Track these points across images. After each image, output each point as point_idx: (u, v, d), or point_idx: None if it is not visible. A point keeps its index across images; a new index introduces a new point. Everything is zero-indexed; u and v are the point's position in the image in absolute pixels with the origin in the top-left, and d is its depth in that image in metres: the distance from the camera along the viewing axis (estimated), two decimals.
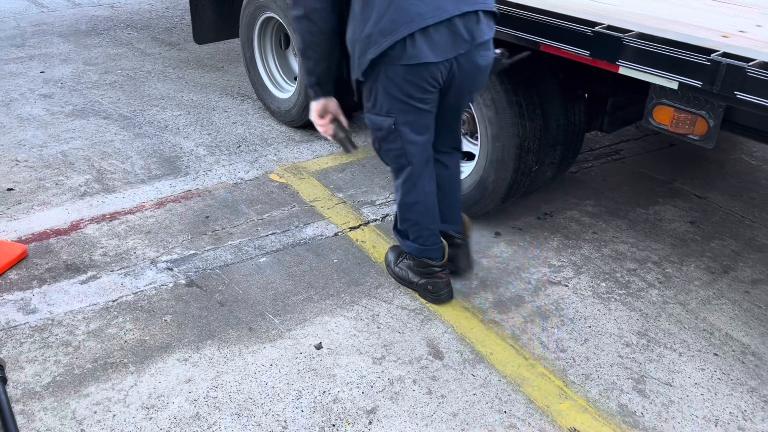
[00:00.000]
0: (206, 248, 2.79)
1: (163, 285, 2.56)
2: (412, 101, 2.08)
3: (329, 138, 2.32)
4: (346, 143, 2.31)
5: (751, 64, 1.73)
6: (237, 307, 2.45)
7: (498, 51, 2.17)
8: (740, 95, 1.75)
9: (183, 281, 2.58)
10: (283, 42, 3.93)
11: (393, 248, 2.63)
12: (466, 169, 2.93)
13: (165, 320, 2.38)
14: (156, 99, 4.32)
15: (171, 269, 2.65)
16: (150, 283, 2.57)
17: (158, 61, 5.02)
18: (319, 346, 2.28)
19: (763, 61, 1.74)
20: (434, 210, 2.37)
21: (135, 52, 5.22)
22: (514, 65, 2.31)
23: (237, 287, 2.56)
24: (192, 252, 2.76)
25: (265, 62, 3.96)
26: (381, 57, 1.98)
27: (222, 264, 2.69)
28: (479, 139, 2.76)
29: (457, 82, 2.07)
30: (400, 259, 2.56)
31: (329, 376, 2.16)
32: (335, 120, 2.28)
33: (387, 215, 3.05)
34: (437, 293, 2.46)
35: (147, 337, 2.30)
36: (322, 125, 2.27)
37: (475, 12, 1.97)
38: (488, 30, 2.05)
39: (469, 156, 3.04)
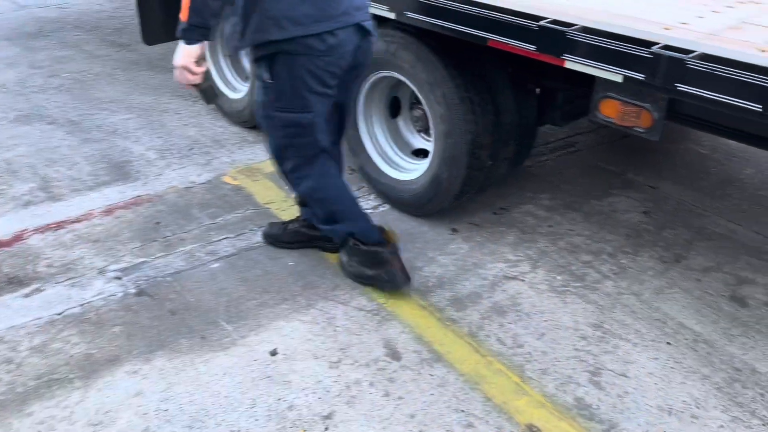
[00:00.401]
0: (157, 255, 2.71)
1: (111, 295, 2.48)
2: (326, 89, 2.17)
3: (190, 88, 2.17)
4: (211, 92, 2.22)
5: (691, 56, 1.74)
6: (189, 316, 2.39)
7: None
8: (681, 87, 1.76)
9: (132, 290, 2.50)
10: None
11: (342, 250, 2.60)
12: (421, 166, 2.91)
13: (113, 332, 2.31)
14: (105, 102, 4.19)
15: (120, 278, 2.57)
16: (97, 294, 2.49)
17: (107, 63, 4.88)
18: (274, 352, 2.23)
19: (703, 53, 1.75)
20: (347, 185, 2.50)
21: (83, 54, 5.07)
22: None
23: (189, 295, 2.49)
24: (142, 260, 2.68)
25: (216, 62, 3.88)
26: (294, 46, 2.03)
27: (173, 271, 2.62)
28: (432, 136, 2.74)
29: (358, 65, 2.25)
30: (351, 257, 2.53)
31: (284, 382, 2.11)
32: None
33: None
34: (393, 281, 2.45)
35: (94, 351, 2.23)
36: (198, 72, 2.09)
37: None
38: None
39: (424, 153, 3.02)
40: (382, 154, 3.07)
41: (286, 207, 3.05)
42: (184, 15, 1.98)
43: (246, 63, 3.80)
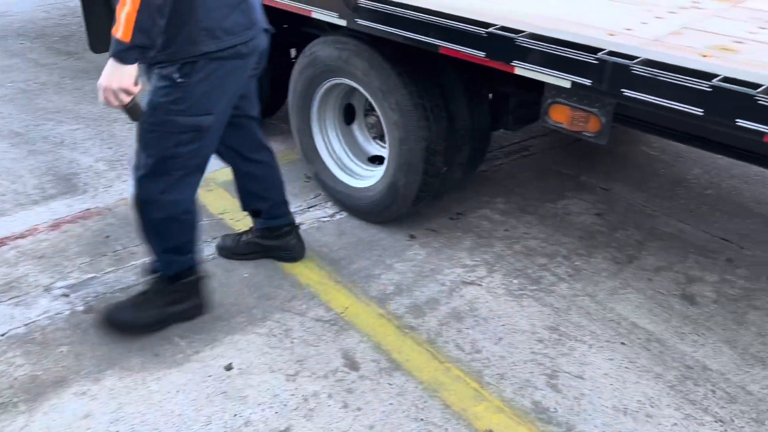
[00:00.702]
0: (106, 270, 2.63)
1: (58, 314, 2.39)
2: (240, 91, 2.16)
3: (119, 108, 1.90)
4: (137, 109, 1.95)
5: (635, 61, 1.78)
6: (140, 332, 2.32)
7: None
8: (627, 92, 1.79)
9: (80, 308, 2.42)
10: None
11: (122, 309, 2.30)
12: (377, 173, 2.90)
13: (60, 352, 2.22)
14: (51, 112, 4.06)
15: (67, 296, 2.48)
16: (43, 313, 2.39)
17: (54, 72, 4.73)
18: (229, 367, 2.18)
19: (647, 59, 1.79)
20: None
21: (28, 62, 4.91)
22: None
23: None
24: (90, 275, 2.59)
25: None
26: (224, 53, 1.98)
27: (124, 286, 2.54)
28: (387, 143, 2.73)
29: (260, 62, 2.22)
30: (147, 306, 2.29)
31: (240, 398, 2.07)
32: None
33: (300, 224, 2.96)
34: (203, 297, 2.36)
35: (40, 372, 2.14)
36: (135, 93, 1.88)
37: None
38: None
39: (380, 160, 3.01)
40: (337, 161, 3.05)
41: (240, 217, 3.00)
42: (125, 34, 1.75)
43: None
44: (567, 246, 2.86)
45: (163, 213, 2.16)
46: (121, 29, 1.76)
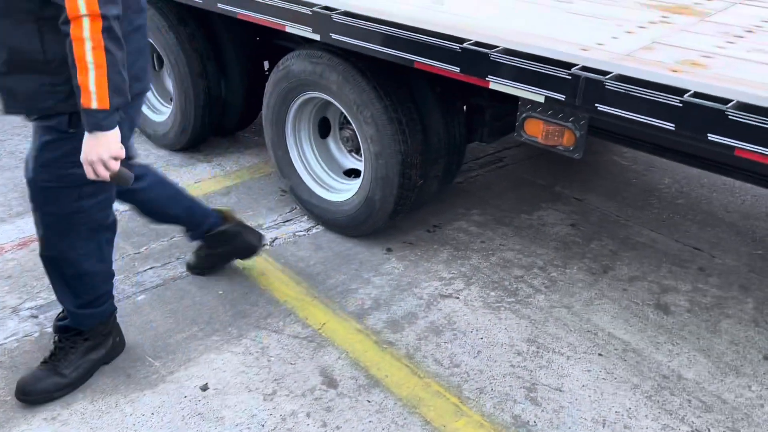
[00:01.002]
0: None
1: (26, 336, 2.32)
2: (131, 131, 2.05)
3: (106, 177, 1.73)
4: (127, 174, 1.79)
5: (608, 77, 1.80)
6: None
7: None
8: (601, 107, 1.81)
9: (50, 329, 2.34)
10: (155, 62, 3.73)
11: (40, 378, 2.09)
12: (353, 186, 2.89)
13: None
14: (18, 127, 3.96)
15: (36, 317, 2.41)
16: (11, 335, 2.32)
17: None
18: (205, 388, 2.14)
19: (620, 74, 1.81)
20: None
21: None
22: None
23: None
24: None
25: None
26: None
27: None
28: (363, 156, 2.72)
29: None
30: (65, 366, 2.11)
31: (217, 419, 2.03)
32: None
33: (276, 239, 2.95)
34: (119, 331, 2.27)
35: (8, 398, 2.07)
36: (122, 157, 1.74)
37: None
38: None
39: (356, 173, 3.00)
40: (312, 175, 3.03)
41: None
42: (102, 102, 1.61)
43: (169, 84, 3.69)
44: (543, 257, 2.88)
45: (74, 269, 2.00)
46: (95, 98, 1.61)
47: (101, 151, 1.68)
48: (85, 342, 2.13)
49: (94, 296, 2.10)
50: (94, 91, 1.61)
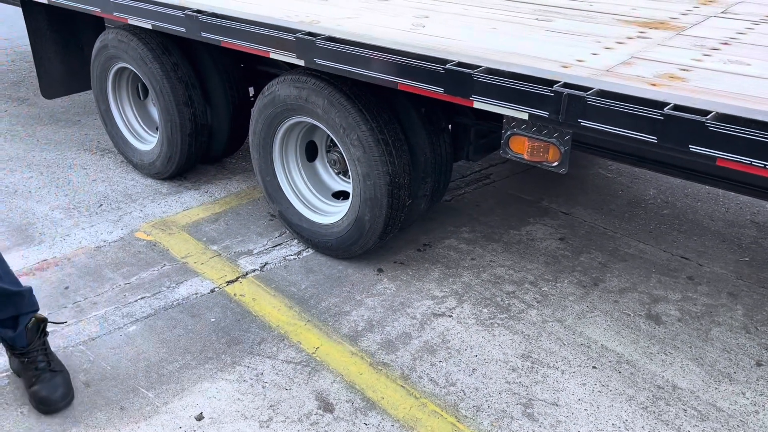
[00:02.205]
0: (68, 323, 2.54)
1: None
2: None
3: None
4: None
5: (589, 92, 1.83)
6: (105, 386, 2.24)
7: None
8: (584, 122, 1.84)
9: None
10: (141, 92, 3.74)
11: (51, 376, 2.16)
12: (342, 208, 2.90)
13: (21, 413, 2.13)
14: (3, 161, 3.95)
15: None
16: (4, 371, 2.29)
17: (4, 119, 4.61)
18: (200, 417, 2.12)
19: (601, 90, 1.84)
20: None
21: None
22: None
23: (104, 363, 2.34)
24: (51, 329, 2.50)
25: (123, 114, 3.75)
26: None
27: (86, 338, 2.46)
28: (351, 178, 2.74)
29: None
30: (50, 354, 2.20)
31: None
32: None
33: (266, 264, 2.94)
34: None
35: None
36: None
37: None
38: None
39: (344, 195, 3.01)
40: (301, 198, 3.04)
41: (205, 260, 2.95)
42: None
43: (154, 113, 3.70)
44: (533, 272, 2.89)
45: None
46: None
47: None
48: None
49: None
50: None
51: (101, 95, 3.72)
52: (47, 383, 2.14)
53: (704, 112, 1.68)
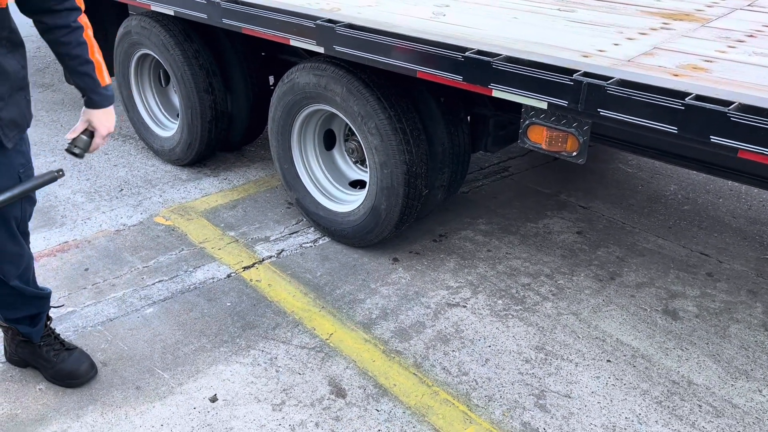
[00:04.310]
0: (86, 304, 2.58)
1: None
2: None
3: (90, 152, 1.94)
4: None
5: (609, 82, 1.81)
6: (122, 366, 2.27)
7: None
8: (603, 112, 1.82)
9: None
10: (162, 78, 3.78)
11: (68, 354, 2.21)
12: (359, 197, 2.90)
13: (39, 389, 2.17)
14: None
15: None
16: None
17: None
18: (214, 399, 2.15)
19: (621, 79, 1.82)
20: None
21: None
22: None
23: (121, 343, 2.38)
24: (70, 309, 2.55)
25: (145, 100, 3.79)
26: None
27: (104, 319, 2.50)
28: (368, 167, 2.74)
29: None
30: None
31: (226, 429, 2.03)
32: None
33: (283, 251, 2.96)
34: None
35: (19, 411, 2.08)
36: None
37: None
38: None
39: (361, 184, 3.02)
40: (318, 186, 3.05)
41: (222, 245, 2.98)
42: (107, 77, 1.86)
43: (175, 99, 3.73)
44: (549, 265, 2.88)
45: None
46: (107, 75, 1.87)
47: (113, 120, 1.90)
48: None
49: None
50: (105, 69, 1.83)
51: (123, 81, 3.76)
52: (69, 360, 2.18)
53: (726, 103, 1.65)
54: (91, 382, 2.19)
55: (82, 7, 1.81)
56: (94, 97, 1.86)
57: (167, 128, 3.75)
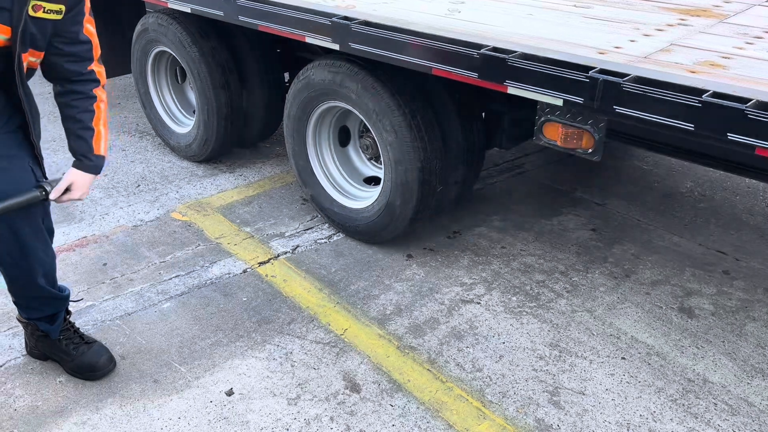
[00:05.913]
0: (104, 298, 2.62)
1: None
2: None
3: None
4: None
5: (626, 79, 1.80)
6: (140, 359, 2.31)
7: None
8: (619, 109, 1.82)
9: None
10: (179, 75, 3.81)
11: (87, 348, 2.24)
12: (373, 194, 2.92)
13: (60, 381, 2.21)
14: (47, 141, 4.04)
15: None
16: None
17: (48, 101, 4.72)
18: (230, 393, 2.17)
19: (637, 76, 1.82)
20: None
21: None
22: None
23: (139, 337, 2.41)
24: (89, 304, 2.59)
25: (162, 97, 3.83)
26: None
27: (122, 313, 2.53)
28: (383, 164, 2.75)
29: None
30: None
31: (242, 423, 2.06)
32: None
33: (298, 246, 2.98)
34: None
35: (40, 403, 2.12)
36: None
37: None
38: None
39: (375, 180, 3.03)
40: (333, 183, 3.06)
41: (238, 241, 3.01)
42: (104, 149, 2.01)
43: (192, 96, 3.76)
44: (564, 262, 2.87)
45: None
46: (105, 148, 2.02)
47: (87, 190, 2.03)
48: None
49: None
50: (105, 141, 2.01)
51: (141, 78, 3.80)
52: (89, 353, 2.22)
53: (744, 100, 1.64)
54: (109, 375, 2.23)
55: (103, 82, 1.95)
56: (85, 161, 1.98)
57: (183, 125, 3.78)
